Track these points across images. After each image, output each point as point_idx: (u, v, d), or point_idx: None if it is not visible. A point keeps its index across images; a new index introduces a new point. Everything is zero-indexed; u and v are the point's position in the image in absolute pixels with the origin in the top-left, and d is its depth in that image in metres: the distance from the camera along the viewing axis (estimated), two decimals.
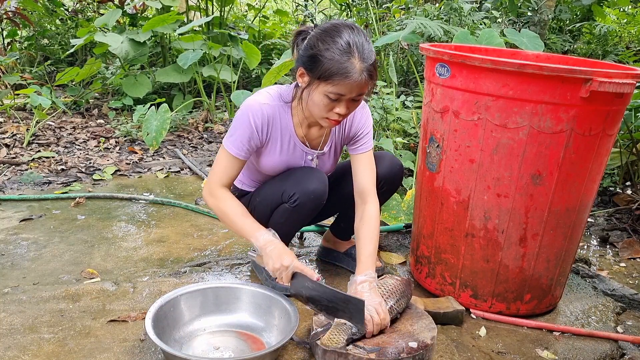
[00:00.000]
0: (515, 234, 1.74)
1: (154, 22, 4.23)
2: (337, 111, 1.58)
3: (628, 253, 2.46)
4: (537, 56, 2.13)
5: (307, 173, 1.76)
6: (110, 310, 1.75)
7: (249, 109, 1.68)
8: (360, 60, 1.51)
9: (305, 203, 1.72)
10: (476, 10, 3.80)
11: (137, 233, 2.45)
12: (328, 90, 1.53)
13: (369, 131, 1.82)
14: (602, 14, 5.07)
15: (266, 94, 1.72)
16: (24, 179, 3.08)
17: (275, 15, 6.44)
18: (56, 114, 4.46)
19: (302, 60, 1.58)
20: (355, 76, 1.50)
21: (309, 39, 1.57)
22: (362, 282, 1.63)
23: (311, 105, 1.61)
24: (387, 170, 1.89)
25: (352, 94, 1.55)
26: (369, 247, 1.71)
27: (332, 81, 1.51)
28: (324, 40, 1.52)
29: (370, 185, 1.79)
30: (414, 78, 4.30)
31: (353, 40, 1.51)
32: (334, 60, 1.49)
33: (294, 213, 1.76)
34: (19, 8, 5.37)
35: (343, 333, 1.48)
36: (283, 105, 1.73)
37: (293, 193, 1.72)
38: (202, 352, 1.55)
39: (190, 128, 4.39)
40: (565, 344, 1.72)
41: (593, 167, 1.70)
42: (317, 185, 1.72)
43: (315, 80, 1.55)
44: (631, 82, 1.54)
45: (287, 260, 1.58)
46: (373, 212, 1.76)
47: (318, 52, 1.52)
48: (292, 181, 1.74)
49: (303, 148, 1.79)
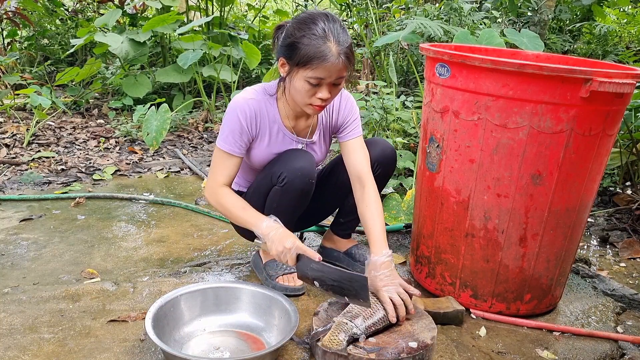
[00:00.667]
0: (515, 234, 1.74)
1: (154, 22, 4.23)
2: (319, 96, 1.63)
3: (628, 253, 2.45)
4: (537, 56, 2.13)
5: (293, 152, 1.79)
6: (110, 310, 1.75)
7: (235, 106, 1.72)
8: (336, 43, 1.57)
9: (294, 180, 1.74)
10: (476, 10, 3.80)
11: (137, 233, 2.45)
12: (308, 75, 1.59)
13: (356, 117, 1.88)
14: (602, 14, 5.07)
15: (251, 90, 1.78)
16: (24, 179, 3.08)
17: (275, 15, 6.44)
18: (56, 114, 4.46)
19: (281, 50, 1.64)
20: (333, 59, 1.56)
21: (286, 30, 1.64)
22: (381, 264, 1.66)
23: (294, 93, 1.66)
24: (379, 153, 1.92)
25: (331, 78, 1.60)
26: (377, 226, 1.75)
27: (311, 65, 1.57)
28: (300, 28, 1.59)
29: (366, 168, 1.82)
30: (414, 78, 4.30)
31: (328, 26, 1.58)
32: (310, 45, 1.56)
33: (285, 193, 1.77)
34: (19, 8, 5.38)
35: (343, 333, 1.48)
36: (269, 99, 1.77)
37: (281, 172, 1.74)
38: (202, 352, 1.55)
39: (190, 128, 4.39)
40: (565, 344, 1.72)
41: (593, 167, 1.70)
42: (304, 163, 1.75)
43: (294, 67, 1.61)
44: (631, 82, 1.54)
45: (288, 242, 1.60)
46: (373, 194, 1.80)
47: (295, 39, 1.58)
48: (279, 163, 1.78)
49: (292, 137, 1.82)
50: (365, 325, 1.53)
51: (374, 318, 1.56)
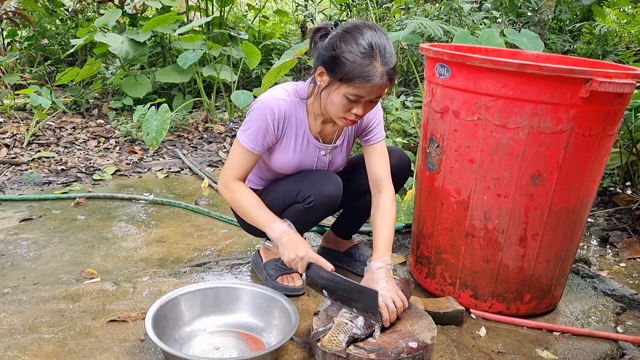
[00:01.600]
0: (515, 234, 1.74)
1: (154, 22, 4.23)
2: (354, 112, 1.60)
3: (628, 253, 2.45)
4: (537, 56, 2.13)
5: (324, 176, 1.76)
6: (110, 310, 1.75)
7: (266, 104, 1.68)
8: (382, 64, 1.51)
9: (319, 205, 1.73)
10: (476, 10, 3.80)
11: (137, 233, 2.45)
12: (348, 92, 1.55)
13: (380, 122, 1.85)
14: (602, 14, 5.07)
15: (283, 90, 1.73)
16: (24, 179, 3.08)
17: (275, 15, 6.44)
18: (56, 114, 4.46)
19: (323, 59, 1.58)
20: (377, 80, 1.51)
21: (330, 39, 1.57)
22: (379, 269, 1.66)
23: (329, 105, 1.62)
24: (395, 163, 1.91)
25: (371, 96, 1.56)
26: (385, 234, 1.74)
27: (353, 84, 1.52)
28: (346, 41, 1.52)
29: (385, 174, 1.81)
30: (414, 78, 4.30)
31: (375, 42, 1.51)
32: (356, 63, 1.50)
33: (307, 214, 1.76)
34: (19, 8, 5.37)
35: (343, 334, 1.47)
36: (299, 102, 1.73)
37: (309, 195, 1.72)
38: (202, 352, 1.55)
39: (190, 128, 4.39)
40: (565, 344, 1.72)
41: (593, 167, 1.70)
42: (333, 189, 1.73)
43: (336, 82, 1.56)
44: (631, 82, 1.54)
45: (301, 250, 1.59)
46: (389, 200, 1.79)
47: (340, 53, 1.52)
48: (308, 183, 1.74)
49: (316, 144, 1.79)
50: (365, 325, 1.53)
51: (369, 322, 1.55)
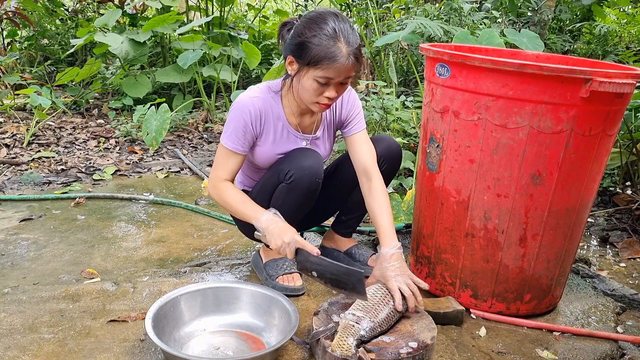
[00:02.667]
0: (515, 234, 1.74)
1: (154, 22, 4.23)
2: (326, 95, 1.65)
3: (628, 253, 2.45)
4: (537, 56, 2.13)
5: (302, 151, 1.80)
6: (110, 310, 1.75)
7: (240, 105, 1.74)
8: (346, 44, 1.59)
9: (301, 178, 1.75)
10: (476, 10, 3.80)
11: (137, 233, 2.45)
12: (317, 75, 1.60)
13: (359, 111, 1.89)
14: (602, 14, 5.07)
15: (255, 89, 1.79)
16: (24, 179, 3.08)
17: (275, 15, 6.44)
18: (56, 114, 4.46)
19: (291, 48, 1.65)
20: (343, 60, 1.58)
21: (295, 28, 1.65)
22: (391, 255, 1.69)
23: (301, 91, 1.68)
24: (385, 149, 1.93)
25: (340, 77, 1.62)
26: (386, 219, 1.77)
27: (321, 65, 1.58)
28: (311, 27, 1.60)
29: (372, 161, 1.84)
30: (414, 78, 4.30)
31: (338, 26, 1.59)
32: (321, 45, 1.57)
33: (291, 191, 1.77)
34: (19, 8, 5.37)
35: (351, 337, 1.45)
36: (273, 96, 1.79)
37: (288, 170, 1.75)
38: (202, 352, 1.55)
39: (190, 128, 4.39)
40: (565, 344, 1.72)
41: (593, 167, 1.70)
42: (312, 161, 1.76)
43: (304, 67, 1.62)
44: (631, 82, 1.54)
45: (287, 236, 1.62)
46: (380, 187, 1.82)
47: (306, 39, 1.59)
48: (287, 160, 1.79)
49: (296, 134, 1.83)
50: (371, 326, 1.51)
51: (378, 318, 1.55)
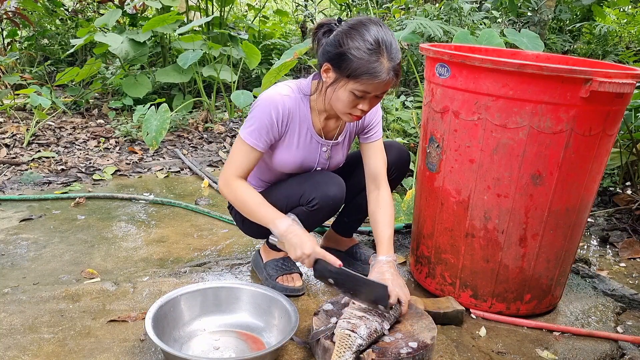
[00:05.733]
0: (515, 234, 1.74)
1: (154, 22, 4.23)
2: (360, 107, 1.61)
3: (628, 253, 2.45)
4: (537, 56, 2.13)
5: (326, 178, 1.76)
6: (110, 310, 1.75)
7: (270, 101, 1.67)
8: (389, 59, 1.53)
9: (323, 208, 1.73)
10: (476, 10, 3.80)
11: (137, 233, 2.45)
12: (355, 88, 1.56)
13: (379, 121, 1.88)
14: (602, 14, 5.07)
15: (286, 87, 1.73)
16: (24, 179, 3.08)
17: (275, 15, 6.44)
18: (56, 114, 4.46)
19: (329, 56, 1.58)
20: (384, 76, 1.52)
21: (335, 35, 1.57)
22: (387, 263, 1.70)
23: (335, 101, 1.63)
24: (396, 157, 1.94)
25: (377, 92, 1.58)
26: (387, 230, 1.77)
27: (360, 80, 1.53)
28: (353, 37, 1.53)
29: (383, 172, 1.84)
30: (414, 78, 4.30)
31: (382, 38, 1.52)
32: (363, 59, 1.51)
33: (311, 217, 1.76)
34: (19, 8, 5.37)
35: (349, 351, 1.42)
36: (302, 98, 1.74)
37: (312, 197, 1.72)
38: (202, 352, 1.55)
39: (190, 128, 4.39)
40: (565, 344, 1.72)
41: (593, 167, 1.70)
42: (337, 191, 1.74)
43: (342, 78, 1.56)
44: (631, 82, 1.54)
45: (307, 248, 1.58)
46: (387, 197, 1.82)
47: (347, 49, 1.52)
48: (311, 185, 1.74)
49: (319, 140, 1.79)
50: (367, 332, 1.48)
51: (373, 324, 1.52)
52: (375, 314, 1.56)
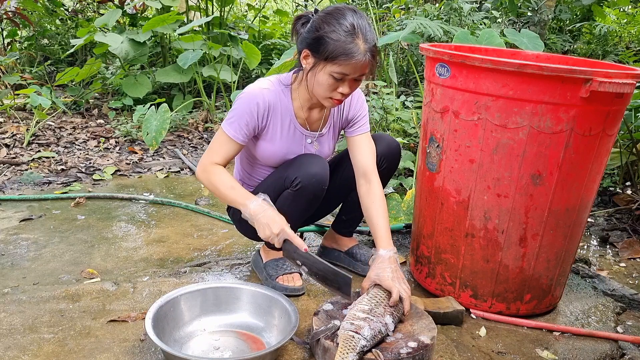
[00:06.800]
0: (515, 234, 1.74)
1: (154, 22, 4.23)
2: (340, 90, 1.65)
3: (628, 253, 2.45)
4: (537, 56, 2.13)
5: (309, 158, 1.79)
6: (110, 310, 1.75)
7: (249, 94, 1.73)
8: (364, 41, 1.59)
9: (307, 186, 1.75)
10: (476, 10, 3.80)
11: (137, 233, 2.45)
12: (333, 70, 1.61)
13: (365, 113, 1.90)
14: (602, 14, 5.07)
15: (267, 81, 1.79)
16: (24, 179, 3.08)
17: (275, 15, 6.44)
18: (56, 114, 4.46)
19: (307, 42, 1.65)
20: (360, 56, 1.58)
21: (312, 22, 1.64)
22: (389, 258, 1.70)
23: (316, 86, 1.68)
24: (385, 148, 1.94)
25: (355, 74, 1.62)
26: (383, 223, 1.78)
27: (338, 61, 1.58)
28: (329, 22, 1.60)
29: (372, 165, 1.85)
30: (414, 78, 4.30)
31: (357, 22, 1.59)
32: (339, 41, 1.57)
33: (297, 197, 1.77)
34: (19, 8, 5.37)
35: (352, 352, 1.41)
36: (283, 89, 1.78)
37: (295, 177, 1.74)
38: (202, 352, 1.55)
39: (190, 128, 4.39)
40: (565, 344, 1.72)
41: (593, 167, 1.70)
42: (319, 169, 1.76)
43: (321, 61, 1.62)
44: (631, 82, 1.54)
45: (276, 227, 1.62)
46: (378, 190, 1.82)
47: (324, 33, 1.59)
48: (294, 167, 1.78)
49: (302, 131, 1.83)
50: (371, 334, 1.47)
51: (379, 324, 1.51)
52: (379, 314, 1.55)
